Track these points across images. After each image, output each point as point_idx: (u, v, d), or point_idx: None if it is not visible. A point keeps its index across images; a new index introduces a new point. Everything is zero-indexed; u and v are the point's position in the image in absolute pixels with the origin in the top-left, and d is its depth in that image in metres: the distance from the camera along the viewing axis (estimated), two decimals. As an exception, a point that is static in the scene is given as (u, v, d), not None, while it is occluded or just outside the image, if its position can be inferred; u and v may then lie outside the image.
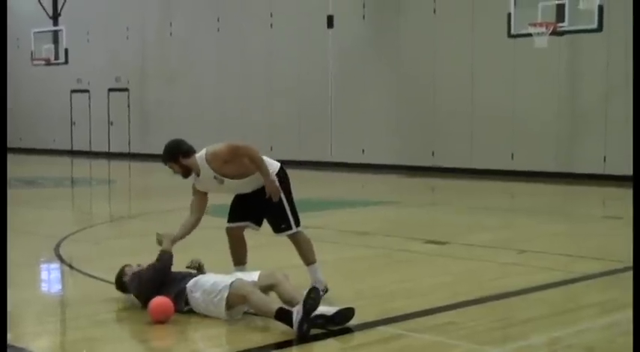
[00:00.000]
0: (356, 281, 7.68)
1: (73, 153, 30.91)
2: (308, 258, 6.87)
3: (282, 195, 6.74)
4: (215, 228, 7.40)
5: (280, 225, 6.81)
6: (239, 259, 6.97)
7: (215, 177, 6.70)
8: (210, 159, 6.68)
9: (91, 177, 22.73)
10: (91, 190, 18.82)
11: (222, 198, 6.99)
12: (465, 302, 6.72)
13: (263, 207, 6.76)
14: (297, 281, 6.51)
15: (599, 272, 8.10)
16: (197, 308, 6.21)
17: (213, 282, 6.16)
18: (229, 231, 6.97)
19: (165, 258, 6.52)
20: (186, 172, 6.76)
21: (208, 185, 6.80)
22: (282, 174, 6.84)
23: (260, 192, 6.74)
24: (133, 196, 17.80)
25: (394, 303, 6.69)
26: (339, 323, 5.81)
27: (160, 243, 6.71)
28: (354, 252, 9.48)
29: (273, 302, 5.97)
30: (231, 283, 6.06)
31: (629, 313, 6.42)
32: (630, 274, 7.98)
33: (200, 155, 6.77)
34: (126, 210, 14.78)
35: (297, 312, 5.66)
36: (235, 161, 6.67)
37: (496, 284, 7.53)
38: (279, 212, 6.75)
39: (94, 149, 30.39)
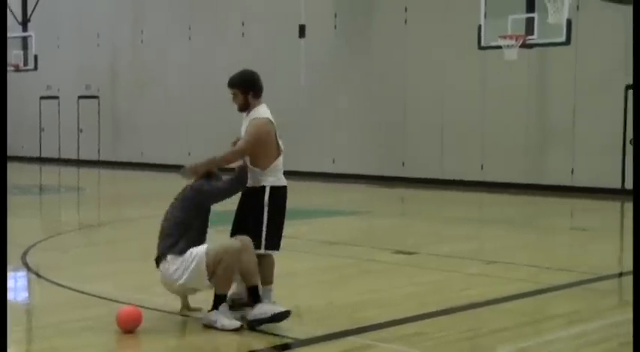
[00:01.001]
0: (325, 291, 7.68)
1: (41, 160, 30.66)
2: (268, 279, 6.54)
3: (265, 216, 6.42)
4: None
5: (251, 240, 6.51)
6: None
7: (244, 136, 6.57)
8: (253, 122, 6.55)
9: (59, 184, 22.52)
10: (60, 198, 18.66)
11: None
12: (433, 312, 6.75)
13: (247, 219, 6.47)
14: (275, 291, 6.48)
15: (566, 283, 8.16)
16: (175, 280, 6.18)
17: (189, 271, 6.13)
18: None
19: (243, 175, 6.42)
20: (244, 107, 6.60)
21: (241, 133, 6.68)
22: (280, 194, 6.53)
23: (247, 199, 6.52)
24: (102, 204, 17.69)
25: (363, 313, 6.70)
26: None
27: (234, 144, 6.57)
28: (323, 261, 9.47)
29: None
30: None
31: (595, 324, 6.51)
32: (597, 285, 8.12)
33: (259, 108, 6.64)
34: (95, 218, 14.67)
35: (260, 311, 6.00)
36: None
37: (464, 294, 7.57)
38: (255, 229, 6.42)
39: (63, 156, 30.17)
